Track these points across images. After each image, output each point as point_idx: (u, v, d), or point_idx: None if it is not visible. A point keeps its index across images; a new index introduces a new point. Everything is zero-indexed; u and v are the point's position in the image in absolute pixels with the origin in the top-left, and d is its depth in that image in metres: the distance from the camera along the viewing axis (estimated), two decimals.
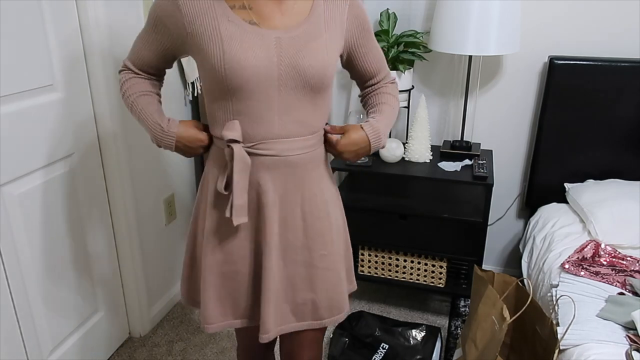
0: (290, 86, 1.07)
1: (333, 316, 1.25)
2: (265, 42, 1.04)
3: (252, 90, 1.06)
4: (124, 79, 1.21)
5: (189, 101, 2.34)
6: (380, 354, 1.92)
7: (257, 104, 1.07)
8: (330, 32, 1.12)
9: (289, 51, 1.06)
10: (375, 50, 1.25)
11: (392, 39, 2.15)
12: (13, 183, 1.56)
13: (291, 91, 1.08)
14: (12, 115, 1.52)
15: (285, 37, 1.06)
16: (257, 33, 1.05)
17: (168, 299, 2.37)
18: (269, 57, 1.04)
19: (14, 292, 1.59)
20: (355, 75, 1.29)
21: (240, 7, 1.05)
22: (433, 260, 2.16)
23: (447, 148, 2.27)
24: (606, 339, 1.37)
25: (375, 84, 1.30)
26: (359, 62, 1.24)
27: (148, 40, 1.14)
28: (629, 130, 2.12)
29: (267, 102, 1.07)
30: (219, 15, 1.04)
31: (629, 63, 2.04)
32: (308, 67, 1.07)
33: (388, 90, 1.29)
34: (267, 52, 1.04)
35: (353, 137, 1.17)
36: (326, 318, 1.24)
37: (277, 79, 1.06)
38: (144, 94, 1.19)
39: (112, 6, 1.82)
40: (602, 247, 1.80)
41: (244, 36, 1.04)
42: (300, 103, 1.10)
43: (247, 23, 1.05)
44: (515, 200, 2.46)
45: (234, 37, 1.03)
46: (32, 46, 1.57)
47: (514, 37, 2.00)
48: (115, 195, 1.98)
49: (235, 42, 1.03)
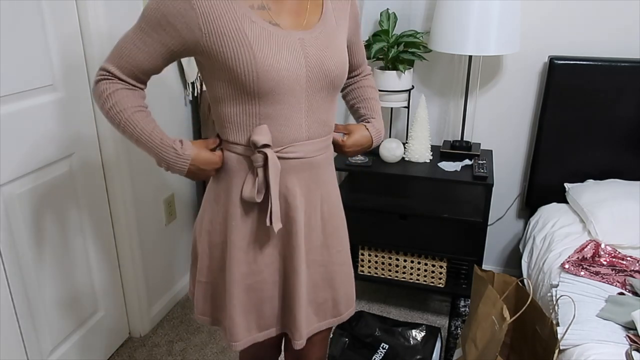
0: (317, 87, 1.06)
1: (348, 310, 1.27)
2: (290, 44, 1.01)
3: (282, 94, 1.02)
4: (108, 91, 1.04)
5: (189, 101, 2.34)
6: (380, 354, 1.92)
7: (286, 107, 1.04)
8: (341, 28, 1.13)
9: (314, 52, 1.04)
10: (360, 43, 1.30)
11: (392, 39, 2.15)
12: (13, 183, 1.56)
13: (317, 92, 1.07)
14: (12, 115, 1.52)
15: (308, 38, 1.04)
16: (281, 34, 1.01)
17: (168, 299, 2.37)
18: (298, 59, 1.02)
19: (14, 292, 1.59)
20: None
21: (260, 7, 1.00)
22: (433, 260, 2.16)
23: (447, 148, 2.27)
24: (606, 339, 1.37)
25: (357, 76, 1.35)
26: (350, 57, 1.27)
27: (144, 41, 1.00)
28: (629, 130, 2.12)
29: (297, 105, 1.05)
30: (240, 16, 0.98)
31: (629, 63, 2.04)
32: (333, 66, 1.06)
33: (369, 82, 1.36)
34: (294, 54, 1.01)
35: (358, 137, 1.25)
36: (344, 313, 1.26)
37: (306, 81, 1.04)
38: (137, 110, 1.06)
39: (112, 6, 1.82)
40: (602, 247, 1.80)
41: (271, 38, 1.00)
42: (324, 103, 1.10)
43: (269, 24, 1.01)
44: (515, 200, 2.46)
45: (261, 39, 0.99)
46: (32, 46, 1.57)
47: (514, 37, 2.00)
48: (115, 195, 1.98)
49: (265, 45, 0.98)
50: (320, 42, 1.05)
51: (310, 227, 1.16)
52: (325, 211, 1.18)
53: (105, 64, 1.05)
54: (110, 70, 1.04)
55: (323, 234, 1.19)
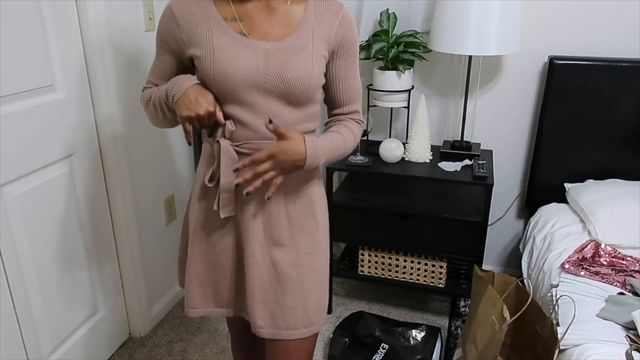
0: (274, 94, 1.13)
1: (320, 321, 1.26)
2: (254, 52, 1.11)
3: (238, 96, 1.13)
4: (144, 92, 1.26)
5: None
6: (380, 354, 1.92)
7: (245, 109, 1.14)
8: (318, 44, 1.15)
9: (276, 62, 1.11)
10: (352, 80, 1.24)
11: (392, 39, 2.15)
12: (13, 183, 1.56)
13: (275, 99, 1.14)
14: (12, 115, 1.52)
15: (273, 49, 1.12)
16: (247, 44, 1.12)
17: (168, 299, 2.37)
18: (256, 66, 1.11)
19: (14, 292, 1.59)
20: (327, 98, 1.28)
21: (232, 19, 1.13)
22: (433, 260, 2.16)
23: (447, 148, 2.27)
24: (606, 339, 1.37)
25: (341, 115, 1.27)
26: (332, 85, 1.23)
27: (160, 59, 1.22)
28: (629, 130, 2.12)
29: (253, 107, 1.13)
30: (212, 27, 1.13)
31: (629, 63, 2.04)
32: (294, 77, 1.12)
33: (350, 126, 1.25)
34: (254, 62, 1.11)
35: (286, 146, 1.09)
36: (315, 323, 1.25)
37: (263, 87, 1.12)
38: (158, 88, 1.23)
39: (112, 6, 1.82)
40: (602, 247, 1.80)
41: (233, 46, 1.12)
42: (285, 110, 1.15)
43: (238, 34, 1.13)
44: (515, 200, 2.46)
45: (224, 47, 1.11)
46: (32, 46, 1.57)
47: (514, 37, 2.00)
48: (115, 195, 1.98)
49: (225, 52, 1.11)
50: (285, 53, 1.12)
51: (272, 224, 1.20)
52: (292, 212, 1.21)
53: (147, 77, 1.28)
54: (152, 80, 1.27)
55: (290, 233, 1.21)
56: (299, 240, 1.22)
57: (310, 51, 1.14)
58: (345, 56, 1.20)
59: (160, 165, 2.22)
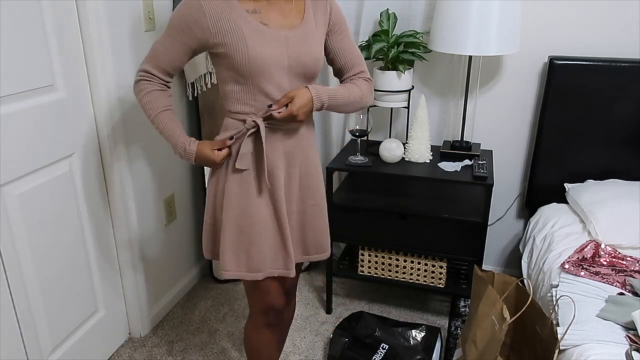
0: (295, 73, 1.36)
1: (318, 254, 1.55)
2: (277, 39, 1.32)
3: (269, 75, 1.33)
4: (146, 90, 1.39)
5: (189, 101, 2.34)
6: (380, 354, 1.92)
7: (272, 85, 1.34)
8: (319, 31, 1.41)
9: (294, 47, 1.35)
10: (351, 47, 1.49)
11: (392, 39, 2.15)
12: (13, 183, 1.56)
13: (296, 77, 1.37)
14: (12, 115, 1.52)
15: (290, 35, 1.35)
16: (269, 32, 1.32)
17: (168, 299, 2.37)
18: (282, 50, 1.33)
19: (14, 292, 1.59)
20: (334, 70, 1.54)
21: (252, 11, 1.32)
22: (433, 261, 2.16)
23: (447, 148, 2.27)
24: (606, 339, 1.37)
25: (349, 77, 1.52)
26: (337, 58, 1.49)
27: (172, 43, 1.34)
28: (629, 130, 2.12)
29: (281, 84, 1.35)
30: (238, 18, 1.30)
31: (629, 63, 2.04)
32: (308, 60, 1.37)
33: (356, 81, 1.49)
34: (280, 47, 1.33)
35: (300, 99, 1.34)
36: (312, 254, 1.55)
37: (287, 67, 1.34)
38: (166, 109, 1.41)
39: (112, 6, 1.82)
40: (602, 247, 1.80)
41: (261, 34, 1.31)
42: (300, 84, 1.39)
43: (260, 24, 1.32)
44: (515, 200, 2.46)
45: (254, 34, 1.30)
46: (32, 46, 1.57)
47: (514, 37, 2.00)
48: (115, 195, 1.98)
49: (256, 38, 1.30)
50: (300, 39, 1.36)
51: (290, 182, 1.45)
52: (303, 171, 1.47)
53: (143, 65, 1.39)
54: (147, 69, 1.38)
55: (300, 188, 1.47)
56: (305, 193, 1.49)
57: (317, 37, 1.40)
58: (339, 31, 1.46)
59: (160, 165, 2.22)
